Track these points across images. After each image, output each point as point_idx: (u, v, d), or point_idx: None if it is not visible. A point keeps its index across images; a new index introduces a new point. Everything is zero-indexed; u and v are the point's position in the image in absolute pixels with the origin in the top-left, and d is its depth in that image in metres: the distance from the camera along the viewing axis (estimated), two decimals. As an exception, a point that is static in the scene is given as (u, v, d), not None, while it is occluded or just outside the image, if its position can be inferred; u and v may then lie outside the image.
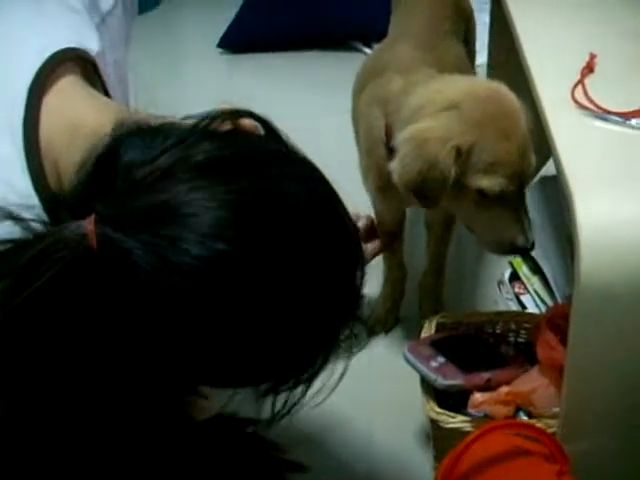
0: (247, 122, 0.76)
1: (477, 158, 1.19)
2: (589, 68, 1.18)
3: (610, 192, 0.98)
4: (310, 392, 0.80)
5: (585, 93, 1.13)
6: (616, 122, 1.09)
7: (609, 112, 1.09)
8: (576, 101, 1.12)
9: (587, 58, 1.20)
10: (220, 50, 2.76)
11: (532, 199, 1.84)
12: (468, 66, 1.55)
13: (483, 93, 1.24)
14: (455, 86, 1.26)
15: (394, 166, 1.24)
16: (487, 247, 1.32)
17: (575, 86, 1.14)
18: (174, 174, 0.66)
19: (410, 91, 1.26)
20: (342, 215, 0.74)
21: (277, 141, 0.77)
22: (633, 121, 1.08)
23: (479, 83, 1.32)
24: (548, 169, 1.79)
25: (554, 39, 1.30)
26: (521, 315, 1.52)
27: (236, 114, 0.75)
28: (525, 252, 1.32)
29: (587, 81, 1.15)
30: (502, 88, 1.26)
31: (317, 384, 0.82)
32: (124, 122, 0.72)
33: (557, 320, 1.34)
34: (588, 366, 1.04)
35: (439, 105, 1.22)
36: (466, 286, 1.75)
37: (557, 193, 1.79)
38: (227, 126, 0.75)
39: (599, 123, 1.09)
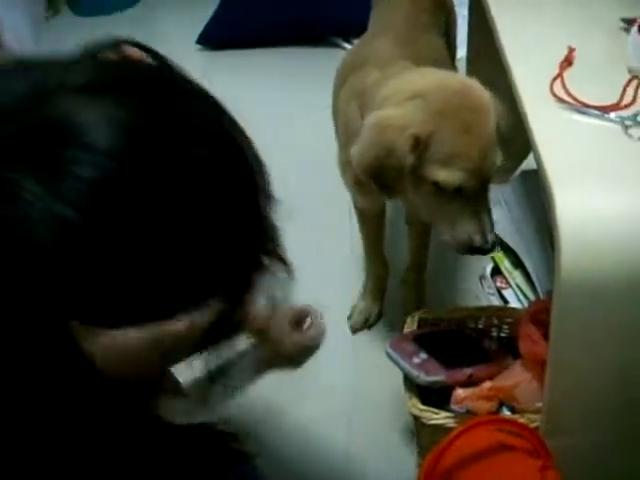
0: (134, 51, 0.73)
1: (435, 149, 1.18)
2: (568, 61, 1.18)
3: (589, 186, 0.98)
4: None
5: (564, 87, 1.12)
6: (595, 116, 1.08)
7: (588, 106, 1.09)
8: (555, 95, 1.12)
9: (566, 51, 1.20)
10: (199, 47, 2.75)
11: (513, 193, 1.85)
12: (447, 60, 1.54)
13: (451, 86, 1.23)
14: (425, 77, 1.25)
15: (354, 151, 1.24)
16: (446, 244, 1.29)
17: (554, 80, 1.14)
18: (59, 95, 0.62)
19: (383, 83, 1.26)
20: (236, 137, 0.72)
21: (166, 67, 0.73)
22: (612, 115, 1.08)
23: (451, 76, 1.30)
24: (529, 163, 1.79)
25: (533, 32, 1.30)
26: (503, 310, 1.52)
27: (119, 43, 0.71)
28: (484, 253, 1.27)
29: (566, 75, 1.15)
30: (474, 84, 1.25)
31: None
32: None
33: (540, 315, 1.34)
34: (569, 361, 1.04)
35: (406, 94, 1.21)
36: (448, 281, 1.75)
37: (538, 187, 1.79)
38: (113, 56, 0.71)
39: (578, 117, 1.09)
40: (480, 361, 1.34)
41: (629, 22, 1.25)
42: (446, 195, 1.21)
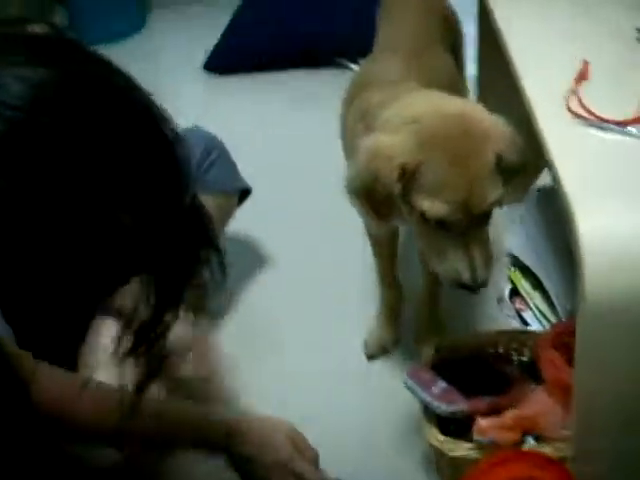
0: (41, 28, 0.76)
1: (422, 178, 1.14)
2: (582, 76, 1.14)
3: (612, 205, 0.94)
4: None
5: (580, 102, 1.08)
6: (614, 130, 1.04)
7: (606, 121, 1.05)
8: (571, 111, 1.08)
9: (579, 65, 1.16)
10: (205, 72, 2.72)
11: (529, 211, 1.80)
12: (456, 77, 1.50)
13: (446, 113, 1.17)
14: (423, 102, 1.21)
15: (346, 172, 1.22)
16: (438, 275, 1.24)
17: (570, 95, 1.10)
18: None
19: (387, 105, 1.22)
20: (151, 108, 0.73)
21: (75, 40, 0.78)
22: (631, 129, 1.03)
23: (450, 102, 1.23)
24: (545, 179, 1.74)
25: (544, 47, 1.27)
26: (523, 333, 1.47)
27: (24, 20, 0.75)
28: (473, 290, 1.20)
29: (581, 89, 1.11)
30: (475, 110, 1.19)
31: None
32: None
33: (561, 338, 1.29)
34: (596, 386, 0.99)
35: (400, 120, 1.17)
36: (465, 305, 1.70)
37: (554, 204, 1.75)
38: None
39: (596, 132, 1.05)
40: (501, 388, 1.29)
41: (644, 32, 1.21)
42: (434, 226, 1.17)
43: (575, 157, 1.01)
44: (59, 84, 0.67)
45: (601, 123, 1.05)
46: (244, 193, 1.72)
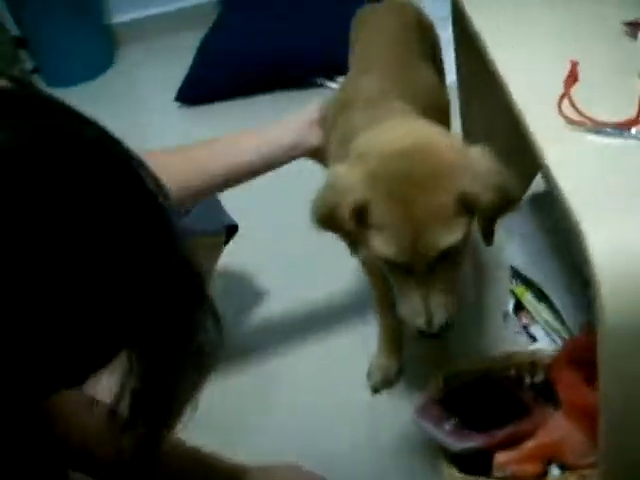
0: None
1: (372, 217, 1.07)
2: (573, 77, 1.06)
3: (622, 216, 0.86)
4: None
5: (573, 106, 1.01)
6: (613, 134, 0.97)
7: (604, 124, 0.97)
8: (565, 116, 1.00)
9: (567, 66, 1.08)
10: (179, 104, 2.65)
11: (525, 221, 1.72)
12: (440, 88, 1.42)
13: (400, 146, 1.07)
14: (387, 133, 1.12)
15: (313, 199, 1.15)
16: None
17: (561, 99, 1.02)
18: None
19: (364, 129, 1.15)
20: (131, 162, 0.66)
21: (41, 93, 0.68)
22: (632, 131, 0.96)
23: (415, 133, 1.11)
24: (538, 184, 1.67)
25: (528, 50, 1.19)
26: (534, 353, 1.38)
27: None
28: (431, 337, 1.12)
29: (572, 92, 1.03)
30: (439, 144, 1.08)
31: None
32: None
33: (576, 354, 1.21)
34: (624, 408, 0.91)
35: (360, 151, 1.10)
36: (469, 325, 1.61)
37: (550, 211, 1.67)
38: None
39: (594, 137, 0.97)
40: (517, 415, 1.21)
41: (634, 25, 1.14)
42: (388, 265, 1.10)
43: (575, 167, 0.93)
44: (24, 146, 0.59)
45: (599, 127, 0.97)
46: (231, 230, 1.64)
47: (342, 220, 1.08)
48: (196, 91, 2.63)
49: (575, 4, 1.27)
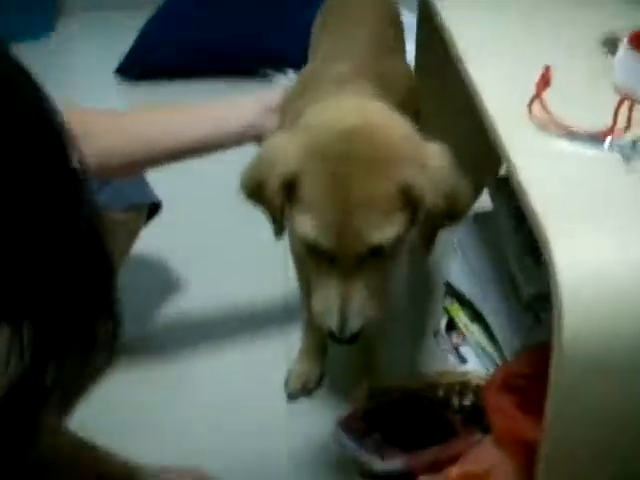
0: None
1: (302, 192, 0.95)
2: (545, 80, 0.98)
3: (594, 234, 0.78)
4: None
5: (545, 109, 0.93)
6: (584, 142, 0.90)
7: (577, 133, 0.90)
8: (535, 119, 0.92)
9: (539, 71, 1.01)
10: (120, 77, 2.52)
11: (468, 237, 1.66)
12: (412, 80, 1.31)
13: (347, 123, 0.96)
14: (339, 106, 1.01)
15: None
16: None
17: (532, 102, 0.95)
18: None
19: (317, 102, 1.04)
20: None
21: None
22: (606, 142, 0.89)
23: (368, 113, 0.99)
24: (482, 203, 1.61)
25: (502, 54, 1.12)
26: (465, 374, 1.31)
27: None
28: (339, 341, 0.99)
29: (546, 98, 0.96)
30: (391, 128, 0.97)
31: None
32: None
33: (511, 381, 1.14)
34: (572, 445, 0.83)
35: (306, 122, 1.00)
36: (399, 339, 1.53)
37: (495, 229, 1.61)
38: None
39: (565, 145, 0.90)
40: (443, 438, 1.13)
41: (612, 43, 1.08)
42: (311, 253, 0.98)
43: (544, 172, 0.86)
44: None
45: (571, 135, 0.90)
46: (153, 208, 1.52)
47: (271, 192, 0.97)
48: (139, 65, 2.52)
49: (555, 12, 1.21)
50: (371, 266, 0.96)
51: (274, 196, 0.97)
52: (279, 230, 1.03)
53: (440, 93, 1.43)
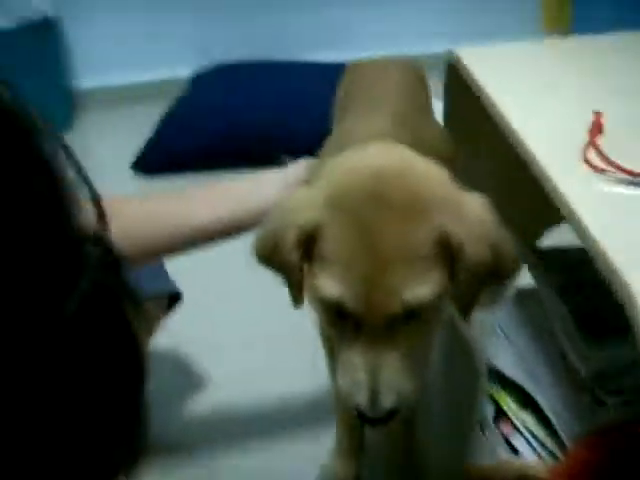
0: None
1: (322, 245, 0.83)
2: (597, 127, 0.89)
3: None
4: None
5: (600, 154, 0.83)
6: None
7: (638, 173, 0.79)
8: (590, 164, 0.82)
9: (589, 119, 0.92)
10: (132, 173, 2.49)
11: (510, 317, 1.53)
12: (448, 141, 1.21)
13: (381, 166, 0.84)
14: (366, 154, 0.89)
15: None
16: None
17: (586, 148, 0.85)
18: None
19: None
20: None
21: None
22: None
23: (396, 156, 0.88)
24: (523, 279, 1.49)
25: (543, 108, 1.03)
26: (523, 467, 1.16)
27: None
28: (371, 422, 0.85)
29: (598, 142, 0.86)
30: (423, 171, 0.85)
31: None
32: None
33: (574, 471, 1.00)
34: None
35: (328, 171, 0.88)
36: (441, 432, 1.39)
37: (539, 307, 1.49)
38: None
39: (623, 189, 0.80)
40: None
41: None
42: (334, 315, 0.84)
43: (609, 219, 0.75)
44: None
45: (633, 177, 0.80)
46: (173, 298, 1.43)
47: (287, 249, 0.84)
48: (153, 161, 2.48)
49: (587, 61, 1.13)
50: (405, 332, 0.82)
51: (291, 253, 0.84)
52: (297, 296, 0.90)
53: (470, 157, 1.34)
